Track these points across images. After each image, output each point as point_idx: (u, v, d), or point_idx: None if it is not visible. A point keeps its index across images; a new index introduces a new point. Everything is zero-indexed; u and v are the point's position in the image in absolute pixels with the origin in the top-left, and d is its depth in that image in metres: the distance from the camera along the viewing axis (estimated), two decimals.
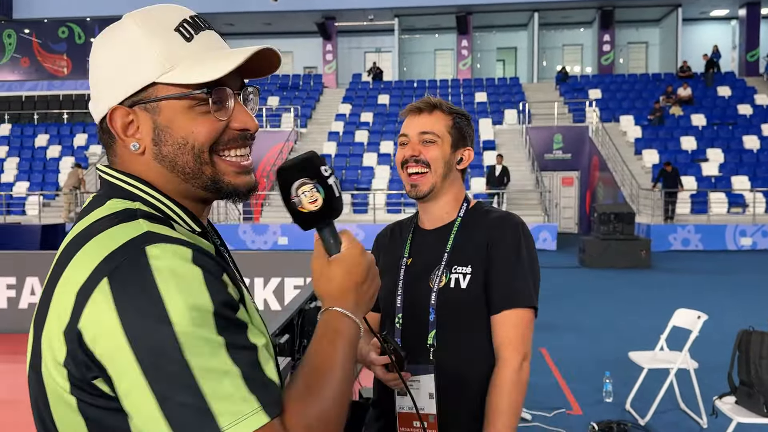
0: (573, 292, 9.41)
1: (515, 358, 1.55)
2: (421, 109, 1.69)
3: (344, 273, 0.91)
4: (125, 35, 0.86)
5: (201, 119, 0.86)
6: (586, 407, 4.59)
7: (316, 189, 0.89)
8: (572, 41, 26.82)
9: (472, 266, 1.61)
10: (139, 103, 0.86)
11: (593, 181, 18.34)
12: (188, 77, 0.84)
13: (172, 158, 0.86)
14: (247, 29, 26.63)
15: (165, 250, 0.74)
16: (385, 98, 22.44)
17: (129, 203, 0.84)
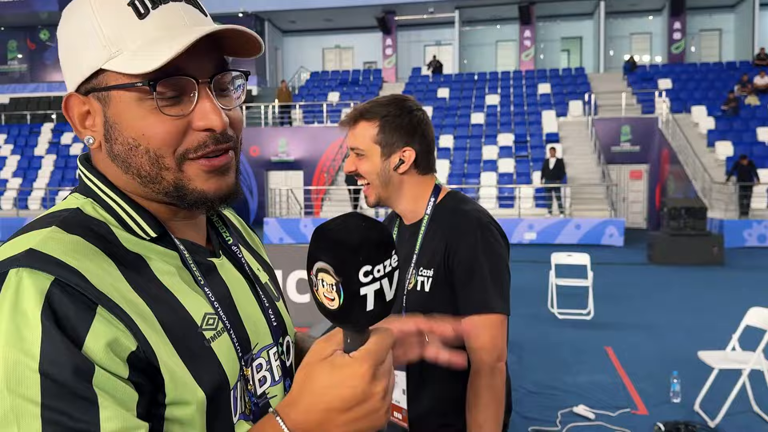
0: (640, 290, 9.09)
1: (487, 363, 1.52)
2: (347, 123, 1.63)
3: (324, 385, 0.65)
4: (78, 11, 0.74)
5: (153, 117, 0.72)
6: (652, 407, 4.43)
7: (335, 289, 0.63)
8: (640, 29, 25.88)
9: (434, 269, 1.58)
10: (92, 91, 0.74)
11: (663, 175, 17.65)
12: (130, 65, 0.70)
13: (124, 158, 0.74)
14: (308, 26, 26.96)
15: (22, 277, 0.63)
16: (445, 92, 22.27)
17: (79, 200, 0.77)
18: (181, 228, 0.81)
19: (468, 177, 17.75)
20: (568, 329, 6.70)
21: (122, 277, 0.70)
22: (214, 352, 0.74)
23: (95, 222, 0.74)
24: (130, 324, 0.66)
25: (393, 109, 1.60)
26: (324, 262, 0.62)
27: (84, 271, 0.66)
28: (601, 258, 11.41)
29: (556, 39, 26.61)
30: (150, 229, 0.76)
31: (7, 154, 22.29)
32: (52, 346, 0.60)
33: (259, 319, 0.86)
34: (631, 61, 22.60)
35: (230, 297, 0.82)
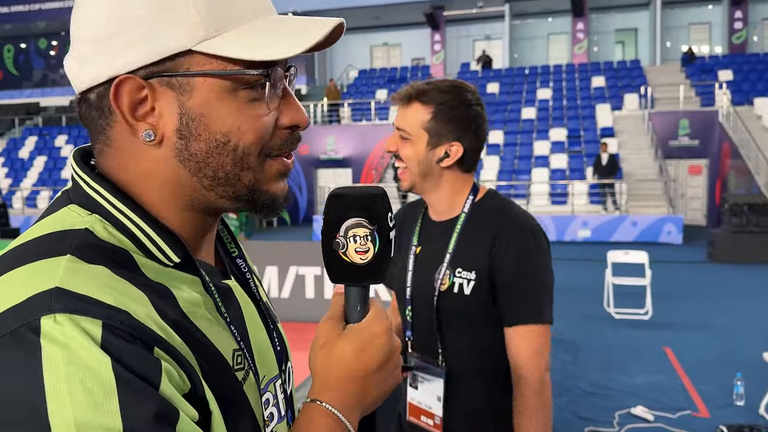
0: (701, 289, 8.77)
1: (533, 377, 1.45)
2: (400, 100, 1.53)
3: (355, 352, 0.64)
4: None
5: (248, 110, 0.63)
6: (714, 410, 4.25)
7: (371, 238, 0.66)
8: (699, 19, 24.99)
9: (477, 272, 1.48)
10: (161, 75, 0.61)
11: (724, 170, 16.99)
12: (243, 50, 0.60)
13: (202, 158, 0.63)
14: (356, 24, 27.05)
15: (64, 326, 0.50)
16: (495, 87, 22.00)
17: (83, 217, 0.62)
18: (198, 247, 0.70)
19: (518, 173, 17.48)
20: (625, 329, 6.50)
21: (156, 312, 0.58)
22: (247, 398, 0.66)
23: (113, 249, 0.60)
24: (184, 364, 0.58)
25: (451, 97, 1.49)
26: (355, 217, 0.66)
27: (128, 308, 0.55)
28: (659, 256, 11.06)
29: (610, 31, 25.96)
30: (173, 253, 0.63)
31: (67, 155, 23.15)
32: (133, 400, 0.50)
33: (267, 347, 0.74)
34: (689, 52, 21.84)
35: (245, 327, 0.71)
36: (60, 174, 22.16)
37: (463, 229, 1.53)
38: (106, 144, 0.64)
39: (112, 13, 0.60)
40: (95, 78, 0.62)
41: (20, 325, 0.50)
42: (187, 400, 0.56)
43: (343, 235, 0.67)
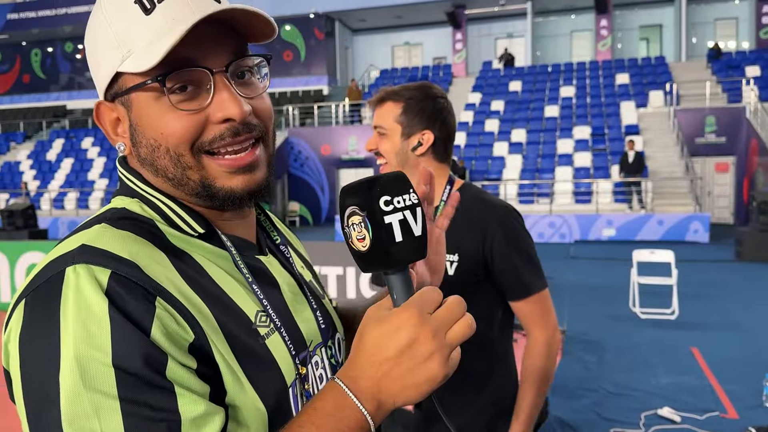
0: (728, 289, 8.62)
1: (543, 333, 1.66)
2: (374, 102, 1.72)
3: (377, 336, 0.64)
4: (96, 14, 0.73)
5: (169, 114, 0.70)
6: (743, 411, 4.17)
7: (364, 225, 0.67)
8: (726, 14, 24.56)
9: (459, 254, 1.63)
10: (116, 96, 0.73)
11: (752, 167, 16.69)
12: (138, 64, 0.68)
13: (150, 161, 0.73)
14: (378, 24, 27.08)
15: (80, 273, 0.62)
16: (517, 85, 21.85)
17: (126, 201, 0.76)
18: (229, 225, 0.79)
19: (542, 172, 17.34)
20: (651, 329, 6.42)
21: (175, 270, 0.68)
22: (269, 350, 0.72)
23: (142, 218, 0.73)
24: (188, 316, 0.65)
25: (417, 93, 1.68)
26: (350, 206, 0.68)
27: (139, 262, 0.65)
28: (686, 255, 10.90)
29: (634, 27, 25.64)
30: (197, 225, 0.74)
31: (94, 157, 23.52)
32: (122, 339, 0.60)
33: (310, 317, 0.83)
34: (715, 47, 21.47)
35: (280, 295, 0.79)
36: (87, 176, 22.51)
37: None
38: None
39: (87, 54, 0.76)
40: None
41: (52, 275, 0.64)
42: (190, 349, 0.64)
43: (347, 225, 0.69)
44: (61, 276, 0.62)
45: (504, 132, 19.34)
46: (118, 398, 0.58)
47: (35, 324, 0.61)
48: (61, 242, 0.70)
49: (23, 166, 23.69)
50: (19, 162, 23.92)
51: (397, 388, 0.63)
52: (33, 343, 0.61)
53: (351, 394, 0.63)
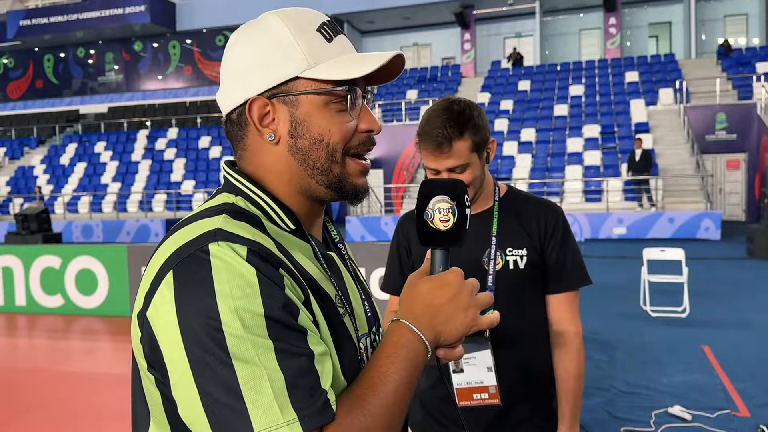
0: (740, 286, 8.60)
1: (577, 328, 1.77)
2: (442, 147, 1.63)
3: (429, 288, 0.87)
4: (270, 31, 0.89)
5: (336, 118, 0.89)
6: (754, 409, 4.19)
7: (451, 211, 0.91)
8: (735, 11, 24.42)
9: (527, 248, 1.73)
10: (278, 95, 0.88)
11: (763, 164, 16.60)
12: (331, 73, 0.86)
13: (306, 152, 0.89)
14: (386, 25, 27.14)
15: (223, 248, 0.76)
16: (526, 84, 21.85)
17: (232, 197, 0.89)
18: (309, 224, 0.95)
19: (551, 171, 17.34)
20: (662, 327, 6.43)
21: (280, 253, 0.84)
22: (347, 326, 0.89)
23: (250, 214, 0.87)
24: (300, 283, 0.82)
25: (469, 111, 1.67)
26: (441, 194, 0.90)
27: (262, 242, 0.81)
28: (697, 253, 10.88)
29: (643, 25, 25.54)
30: (289, 222, 0.90)
31: (106, 161, 23.73)
32: (269, 295, 0.75)
33: (360, 308, 0.98)
34: (725, 44, 21.37)
35: (345, 286, 0.95)
36: (99, 179, 22.72)
37: (500, 214, 1.77)
38: (243, 149, 0.93)
39: (246, 57, 0.89)
40: (236, 101, 0.90)
41: (196, 249, 0.77)
42: (304, 306, 0.80)
43: (431, 208, 0.90)
44: (206, 249, 0.77)
45: (513, 131, 19.34)
46: (270, 339, 0.73)
47: (190, 288, 0.75)
48: (179, 229, 0.83)
49: (37, 170, 23.94)
50: (33, 167, 24.17)
51: (444, 328, 0.85)
52: (191, 302, 0.74)
53: (417, 330, 0.83)
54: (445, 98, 1.72)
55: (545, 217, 1.76)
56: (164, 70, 28.77)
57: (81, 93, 29.92)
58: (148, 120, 26.11)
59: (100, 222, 19.08)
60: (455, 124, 1.63)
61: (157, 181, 21.89)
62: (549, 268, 1.75)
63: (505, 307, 1.66)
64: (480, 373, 1.68)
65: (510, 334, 1.71)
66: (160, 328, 0.76)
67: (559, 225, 1.77)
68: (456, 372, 1.68)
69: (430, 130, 1.65)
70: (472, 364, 1.67)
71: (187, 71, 28.46)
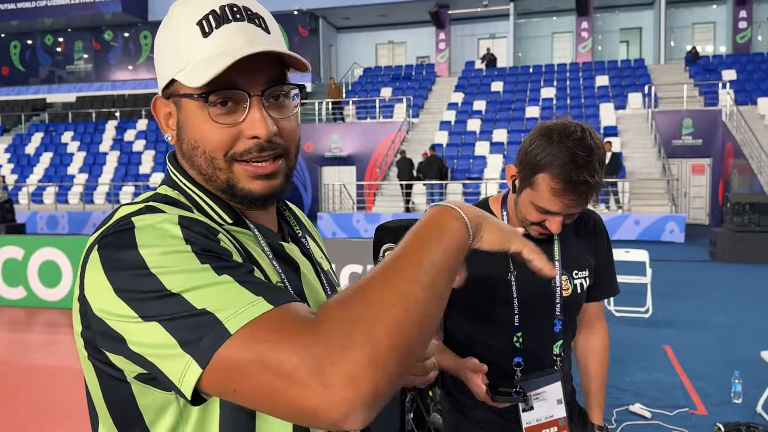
0: (702, 288, 8.81)
1: (605, 325, 1.86)
2: (585, 197, 1.43)
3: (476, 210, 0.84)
4: (165, 25, 0.86)
5: (208, 124, 0.82)
6: (712, 407, 4.31)
7: None
8: (703, 19, 24.96)
9: (588, 270, 1.69)
10: (170, 96, 0.86)
11: (727, 169, 17.02)
12: (189, 79, 0.81)
13: (189, 156, 0.86)
14: (361, 22, 27.10)
15: (151, 217, 0.75)
16: (499, 85, 22.03)
17: (168, 191, 0.89)
18: (254, 215, 0.92)
19: None
20: (626, 327, 6.56)
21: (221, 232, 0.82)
22: None
23: (182, 203, 0.86)
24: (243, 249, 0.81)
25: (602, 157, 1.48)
26: (389, 242, 0.92)
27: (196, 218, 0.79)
28: (661, 254, 11.11)
29: (614, 30, 25.95)
30: (227, 216, 0.87)
31: (73, 151, 23.27)
32: (197, 240, 0.73)
33: (323, 299, 0.94)
34: (693, 51, 21.83)
35: (297, 277, 0.91)
36: (66, 170, 22.28)
37: (559, 236, 1.62)
38: None
39: (154, 54, 0.89)
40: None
41: (119, 224, 0.75)
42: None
43: (382, 256, 0.91)
44: (128, 222, 0.75)
45: (486, 132, 19.49)
46: (206, 264, 0.71)
47: (114, 252, 0.73)
48: (114, 213, 0.81)
49: (1, 159, 23.37)
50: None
51: (487, 231, 0.83)
52: (118, 263, 0.72)
53: (463, 215, 0.80)
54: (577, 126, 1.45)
55: (598, 231, 1.73)
56: (135, 60, 28.30)
57: (48, 81, 29.26)
58: (117, 111, 25.66)
59: (65, 213, 18.72)
60: (599, 172, 1.40)
61: (125, 173, 21.55)
62: (597, 278, 1.74)
63: (571, 331, 1.71)
64: (550, 408, 1.58)
65: (568, 359, 1.74)
66: (96, 297, 0.72)
67: (606, 233, 1.76)
68: (526, 410, 1.56)
69: (571, 175, 1.37)
70: (542, 398, 1.57)
71: None
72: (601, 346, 1.83)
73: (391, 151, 19.11)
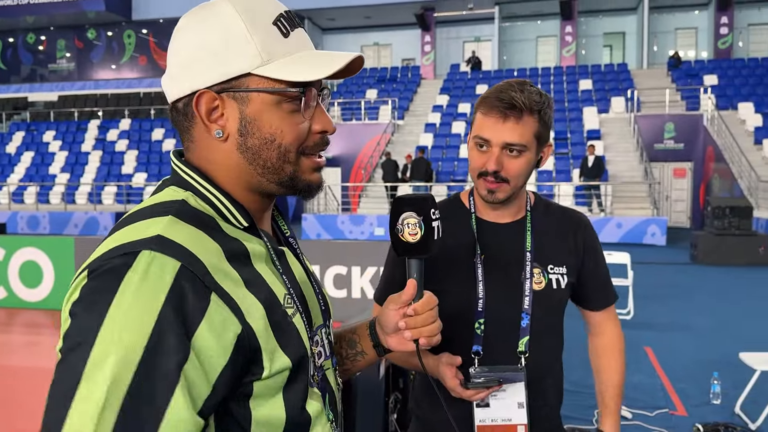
0: (683, 290, 8.92)
1: (618, 329, 1.74)
2: (507, 116, 1.41)
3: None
4: (223, 20, 0.83)
5: (288, 118, 0.85)
6: (691, 408, 4.36)
7: (419, 225, 1.00)
8: (686, 24, 25.26)
9: (567, 267, 1.57)
10: (228, 90, 0.84)
11: (708, 173, 17.24)
12: (285, 73, 0.83)
13: (255, 151, 0.85)
14: (347, 23, 27.10)
15: (155, 261, 0.72)
16: (484, 88, 22.09)
17: (180, 193, 0.85)
18: (259, 219, 0.93)
19: None
20: None
21: (228, 263, 0.80)
22: (295, 326, 0.86)
23: (203, 214, 0.84)
24: (236, 310, 0.77)
25: (545, 99, 1.45)
26: (408, 210, 1.00)
27: (203, 259, 0.76)
28: (643, 257, 11.22)
29: (598, 34, 26.18)
30: (242, 219, 0.87)
31: (55, 150, 23.02)
32: (161, 335, 0.70)
33: (314, 300, 0.98)
34: (675, 56, 22.10)
35: (296, 281, 0.93)
36: (48, 170, 22.03)
37: (534, 227, 1.56)
38: (190, 141, 0.89)
39: (196, 45, 0.84)
40: (182, 91, 0.85)
41: (124, 253, 0.73)
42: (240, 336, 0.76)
43: (401, 224, 1.01)
44: (134, 255, 0.73)
45: None
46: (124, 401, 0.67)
47: (87, 302, 0.71)
48: (124, 226, 0.79)
49: None
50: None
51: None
52: (80, 316, 0.71)
53: None
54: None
55: (583, 232, 1.61)
56: (118, 59, 28.07)
57: (30, 80, 28.93)
58: (100, 110, 25.41)
59: (47, 213, 18.50)
60: (531, 95, 1.41)
61: (108, 173, 21.36)
62: (589, 284, 1.64)
63: (544, 330, 1.54)
64: (509, 410, 1.45)
65: (544, 360, 1.55)
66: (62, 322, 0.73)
67: (594, 238, 1.64)
68: (480, 406, 1.46)
69: (498, 93, 1.42)
70: (500, 398, 1.45)
71: (141, 61, 27.84)
72: (606, 347, 1.72)
73: (376, 153, 19.13)
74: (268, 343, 0.80)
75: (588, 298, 1.68)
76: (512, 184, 1.46)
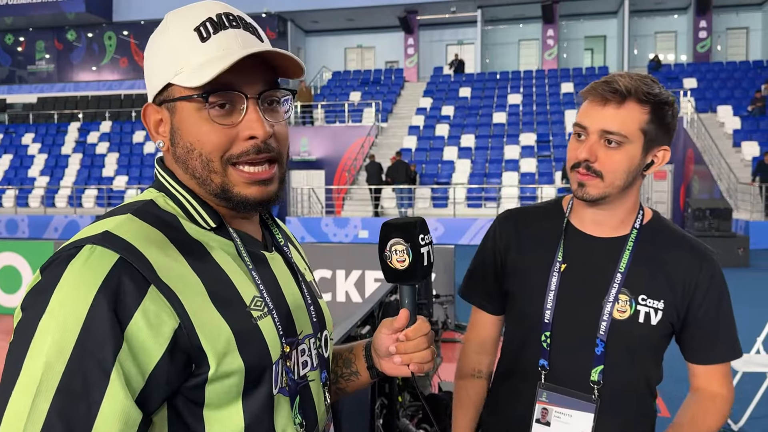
0: None
1: (731, 393, 1.42)
2: (608, 100, 1.28)
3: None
4: (161, 33, 0.88)
5: (207, 125, 0.84)
6: (674, 410, 4.39)
7: (407, 252, 0.96)
8: (665, 28, 25.58)
9: (665, 302, 1.34)
10: (163, 102, 0.87)
11: (687, 175, 17.45)
12: (189, 80, 0.83)
13: (183, 160, 0.87)
14: (330, 26, 27.08)
15: (94, 253, 0.75)
16: (467, 91, 22.23)
17: (154, 193, 0.89)
18: (238, 222, 0.93)
19: (489, 177, 17.71)
20: None
21: (184, 260, 0.81)
22: (260, 330, 0.85)
23: (165, 213, 0.86)
24: (177, 305, 0.77)
25: (664, 95, 1.30)
26: (396, 237, 0.96)
27: (146, 254, 0.77)
28: None
29: (579, 38, 26.42)
30: (210, 220, 0.88)
31: (34, 153, 22.73)
32: (93, 323, 0.71)
33: (303, 310, 0.97)
34: (655, 60, 22.37)
35: (278, 285, 0.93)
36: (27, 173, 21.74)
37: (637, 250, 1.37)
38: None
39: (147, 60, 0.89)
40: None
41: (73, 246, 0.76)
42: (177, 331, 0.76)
43: (389, 250, 0.97)
44: (78, 250, 0.76)
45: (454, 137, 19.65)
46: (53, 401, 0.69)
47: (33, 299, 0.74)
48: (92, 224, 0.83)
49: None
50: None
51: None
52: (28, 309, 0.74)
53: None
54: None
55: (699, 268, 1.36)
56: (99, 61, 27.78)
57: (9, 82, 28.53)
58: (80, 112, 25.14)
59: (26, 217, 18.26)
60: (638, 87, 1.27)
61: (88, 176, 21.13)
62: (691, 330, 1.39)
63: (623, 363, 1.35)
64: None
65: (621, 395, 1.36)
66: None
67: (716, 281, 1.37)
68: (541, 423, 1.37)
69: (606, 77, 1.30)
70: (564, 421, 1.35)
71: (122, 63, 27.58)
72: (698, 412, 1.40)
73: (360, 156, 19.12)
74: (218, 345, 0.79)
75: (686, 345, 1.41)
76: (607, 181, 1.30)
